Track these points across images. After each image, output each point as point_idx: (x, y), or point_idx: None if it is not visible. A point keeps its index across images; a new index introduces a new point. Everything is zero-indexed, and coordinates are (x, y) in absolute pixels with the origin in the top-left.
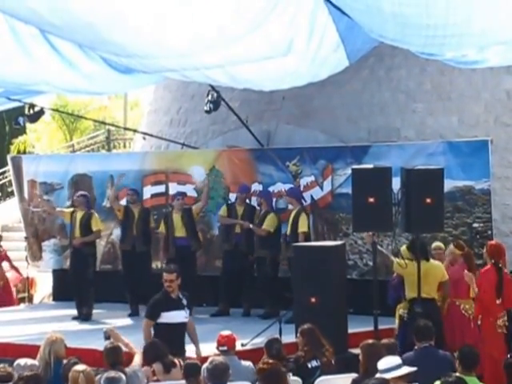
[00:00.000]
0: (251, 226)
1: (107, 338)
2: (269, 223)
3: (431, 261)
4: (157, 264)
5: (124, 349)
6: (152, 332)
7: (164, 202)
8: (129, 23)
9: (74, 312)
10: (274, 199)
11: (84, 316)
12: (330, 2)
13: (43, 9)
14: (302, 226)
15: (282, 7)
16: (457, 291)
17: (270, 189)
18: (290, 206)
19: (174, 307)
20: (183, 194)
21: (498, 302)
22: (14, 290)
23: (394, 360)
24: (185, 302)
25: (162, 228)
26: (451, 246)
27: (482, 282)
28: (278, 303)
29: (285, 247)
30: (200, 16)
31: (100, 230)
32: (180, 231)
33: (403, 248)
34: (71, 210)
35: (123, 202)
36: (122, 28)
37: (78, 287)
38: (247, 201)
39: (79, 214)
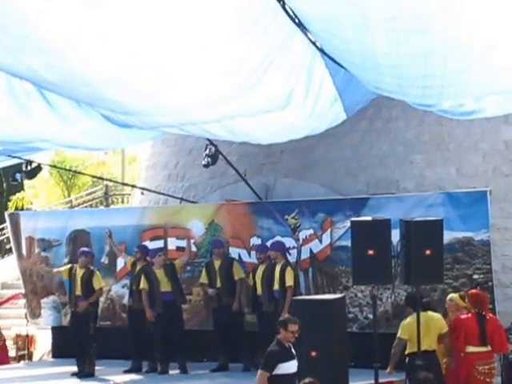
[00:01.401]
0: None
1: None
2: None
3: (429, 312)
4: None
5: None
6: None
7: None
8: (127, 82)
9: (74, 369)
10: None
11: (86, 374)
12: (327, 55)
13: (39, 66)
14: (289, 281)
15: (279, 62)
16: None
17: (269, 243)
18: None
19: (289, 357)
20: (163, 250)
21: (484, 349)
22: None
23: None
24: (293, 351)
25: (144, 284)
26: (455, 296)
27: (456, 328)
28: None
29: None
30: (199, 75)
31: (102, 287)
32: (166, 286)
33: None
34: (68, 266)
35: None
36: (120, 86)
37: (80, 344)
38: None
39: (80, 271)
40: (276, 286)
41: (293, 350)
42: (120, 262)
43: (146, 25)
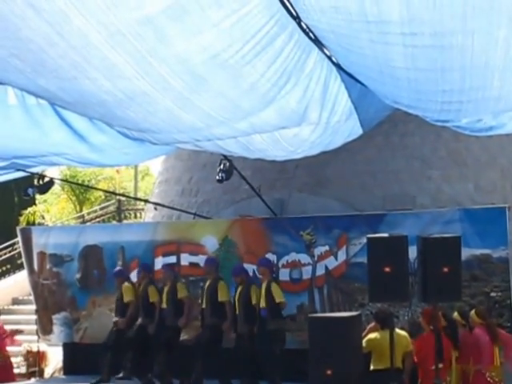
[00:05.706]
0: None
1: None
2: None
3: (397, 330)
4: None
5: None
6: None
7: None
8: (141, 103)
9: None
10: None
11: None
12: (343, 70)
13: (54, 87)
14: (279, 296)
15: (296, 79)
16: (480, 359)
17: (285, 258)
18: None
19: None
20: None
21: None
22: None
23: None
24: None
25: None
26: (471, 313)
27: (422, 348)
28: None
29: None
30: (214, 94)
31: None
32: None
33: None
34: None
35: (133, 274)
36: (136, 107)
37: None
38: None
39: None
40: (263, 304)
41: None
42: (133, 278)
43: (159, 46)
